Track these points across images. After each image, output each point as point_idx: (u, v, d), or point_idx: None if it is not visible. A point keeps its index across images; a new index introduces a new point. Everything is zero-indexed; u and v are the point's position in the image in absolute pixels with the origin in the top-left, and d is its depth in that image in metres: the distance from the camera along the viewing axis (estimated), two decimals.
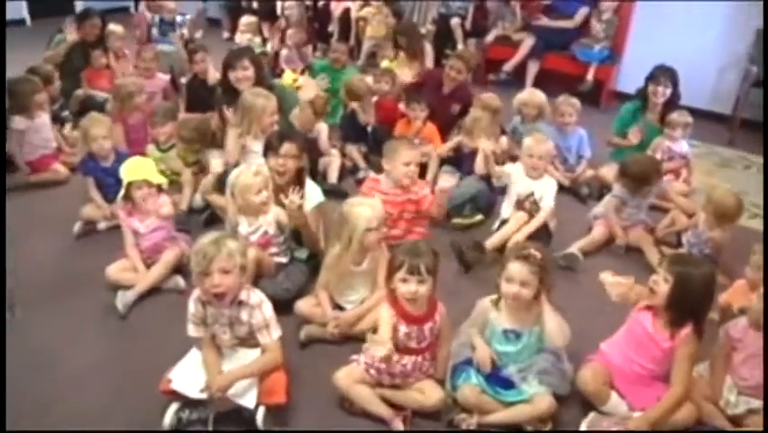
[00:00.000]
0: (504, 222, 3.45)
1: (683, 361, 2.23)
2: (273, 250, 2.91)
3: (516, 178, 3.47)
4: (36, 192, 4.00)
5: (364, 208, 2.62)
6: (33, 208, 3.83)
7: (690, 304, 2.21)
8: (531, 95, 4.51)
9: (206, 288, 2.15)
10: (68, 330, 2.77)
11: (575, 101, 4.32)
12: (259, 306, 2.26)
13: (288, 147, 2.95)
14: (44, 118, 4.13)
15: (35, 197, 3.96)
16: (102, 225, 3.52)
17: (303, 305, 2.75)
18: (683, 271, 2.20)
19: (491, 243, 3.30)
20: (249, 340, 2.32)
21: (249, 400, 2.21)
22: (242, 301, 2.24)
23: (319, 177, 3.96)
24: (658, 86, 4.24)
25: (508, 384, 2.33)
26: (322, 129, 4.17)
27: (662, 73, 4.27)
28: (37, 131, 4.06)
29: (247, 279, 2.29)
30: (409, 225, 3.22)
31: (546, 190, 3.38)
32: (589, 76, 5.96)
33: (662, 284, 2.22)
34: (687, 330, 2.22)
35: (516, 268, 2.22)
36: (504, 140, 4.14)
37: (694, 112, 4.37)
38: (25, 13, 8.61)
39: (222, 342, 2.31)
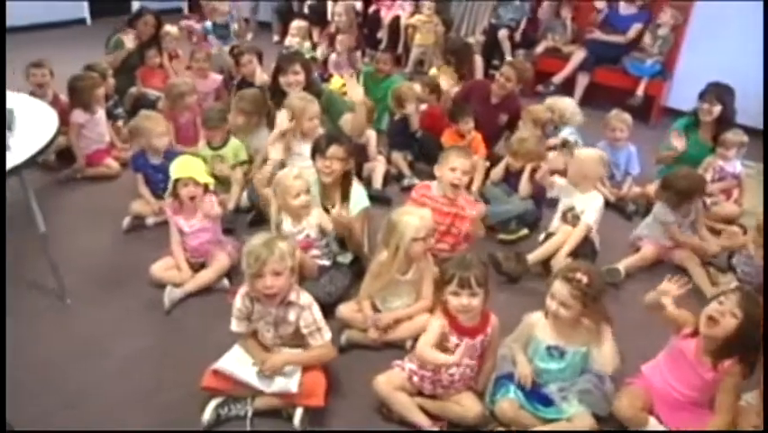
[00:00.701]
0: (550, 235, 3.40)
1: (728, 391, 2.18)
2: (315, 252, 2.92)
3: (563, 189, 3.44)
4: (88, 185, 4.11)
5: (413, 218, 2.61)
6: (86, 201, 3.94)
7: (748, 343, 2.13)
8: (554, 100, 4.52)
9: (258, 288, 2.18)
10: (113, 322, 2.84)
11: (627, 116, 4.24)
12: (309, 307, 2.29)
13: (334, 149, 2.96)
14: (101, 113, 4.26)
15: (88, 189, 4.07)
16: (150, 221, 3.59)
17: (345, 310, 2.76)
18: (754, 313, 2.11)
19: (535, 256, 3.26)
20: (291, 340, 2.34)
21: (293, 384, 2.25)
22: (290, 302, 2.27)
23: (363, 182, 3.96)
24: (708, 103, 4.14)
25: (548, 402, 2.30)
26: (371, 135, 4.18)
27: (713, 90, 4.17)
28: (96, 124, 4.20)
29: (295, 279, 2.31)
30: (456, 240, 3.19)
31: (589, 205, 3.30)
32: (640, 91, 5.86)
33: (728, 318, 2.13)
34: (732, 362, 2.16)
35: (558, 287, 2.22)
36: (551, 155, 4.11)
37: (750, 131, 4.25)
38: (86, 13, 8.86)
39: (264, 339, 2.35)
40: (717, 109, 4.12)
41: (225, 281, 3.07)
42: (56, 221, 3.40)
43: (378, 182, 4.08)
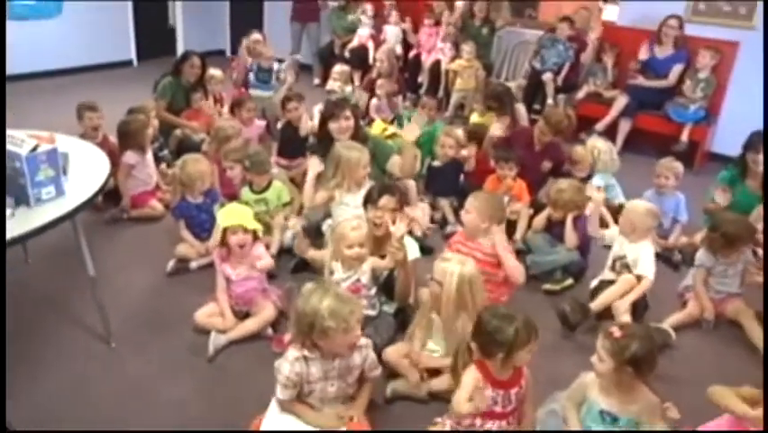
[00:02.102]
0: (603, 283, 3.34)
1: None
2: (363, 302, 2.88)
3: (613, 237, 3.40)
4: (133, 226, 4.17)
5: (455, 265, 2.58)
6: (130, 242, 3.99)
7: None
8: (595, 140, 4.55)
9: (347, 342, 2.19)
10: (157, 366, 2.83)
11: (676, 165, 4.18)
12: (368, 346, 2.32)
13: (386, 200, 2.97)
14: (150, 155, 4.36)
15: (132, 230, 4.13)
16: (194, 265, 3.62)
17: (392, 353, 2.73)
18: None
19: (596, 305, 3.20)
20: (344, 395, 2.35)
21: None
22: (355, 346, 2.27)
23: None
24: (757, 154, 4.05)
25: None
26: (411, 184, 4.13)
27: (761, 140, 4.09)
28: (145, 166, 4.29)
29: None
30: (493, 287, 3.13)
31: (642, 255, 3.24)
32: (684, 137, 5.80)
33: None
34: None
35: (598, 342, 2.19)
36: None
37: None
38: (133, 55, 9.16)
39: (326, 395, 2.31)
40: None
41: (269, 330, 3.06)
42: (101, 261, 3.41)
43: (417, 230, 3.99)
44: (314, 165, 3.58)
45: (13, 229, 2.39)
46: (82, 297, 3.06)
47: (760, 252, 3.78)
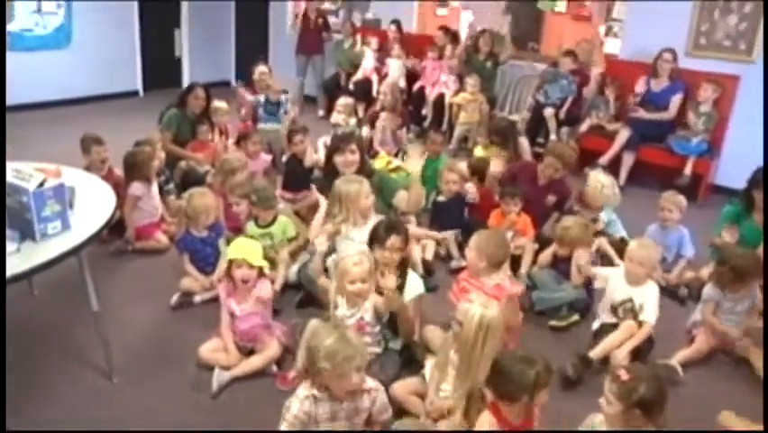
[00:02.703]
0: (604, 326, 3.31)
1: None
2: (367, 339, 2.87)
3: (615, 282, 3.33)
4: (137, 258, 4.16)
5: (477, 308, 2.55)
6: (134, 274, 3.98)
7: None
8: (597, 174, 4.53)
9: (343, 387, 2.16)
10: (159, 401, 2.81)
11: (680, 199, 4.18)
12: (377, 389, 2.30)
13: (394, 239, 2.95)
14: (155, 187, 4.38)
15: (137, 263, 4.12)
16: (198, 299, 3.60)
17: (400, 389, 2.70)
18: None
19: (596, 354, 3.14)
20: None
21: None
22: (362, 389, 2.24)
23: None
24: (761, 190, 4.04)
25: None
26: (411, 221, 4.12)
27: (764, 174, 4.08)
28: (151, 198, 4.30)
29: None
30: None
31: (648, 298, 3.21)
32: (687, 170, 5.80)
33: None
34: None
35: (606, 385, 2.18)
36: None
37: None
38: (139, 85, 9.25)
39: None
40: None
41: (274, 367, 3.03)
42: (105, 294, 3.40)
43: (419, 266, 3.89)
44: (324, 202, 3.58)
45: (19, 264, 2.38)
46: (86, 330, 3.04)
47: None
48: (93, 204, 2.98)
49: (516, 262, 3.97)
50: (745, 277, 3.27)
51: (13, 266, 2.34)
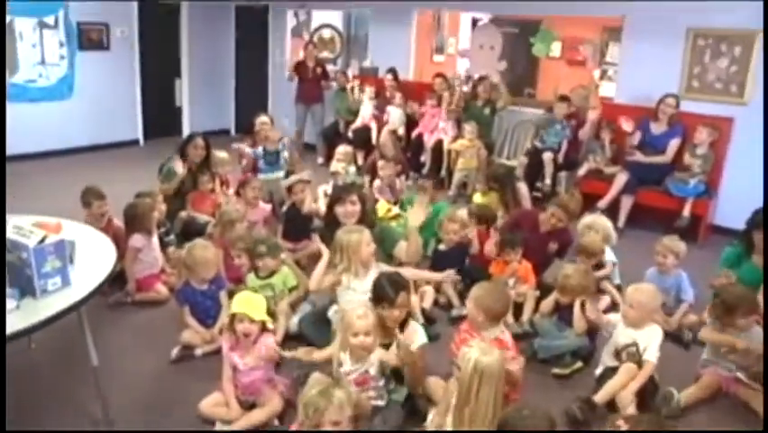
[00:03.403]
0: (607, 370, 3.29)
1: None
2: (371, 393, 2.85)
3: (619, 326, 3.33)
4: (138, 310, 4.13)
5: (474, 352, 2.53)
6: (134, 326, 3.95)
7: None
8: (596, 219, 4.55)
9: None
10: None
11: (676, 244, 4.16)
12: None
13: (403, 297, 2.92)
14: (156, 238, 4.37)
15: (137, 314, 4.09)
16: (199, 352, 3.56)
17: None
18: None
19: (601, 397, 3.12)
20: None
21: None
22: None
23: None
24: (761, 231, 4.04)
25: None
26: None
27: (763, 216, 4.09)
28: (152, 249, 4.29)
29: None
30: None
31: (651, 341, 3.19)
32: (686, 211, 5.82)
33: None
34: None
35: None
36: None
37: None
38: (139, 134, 9.37)
39: None
40: None
41: (276, 421, 2.98)
42: (105, 346, 3.40)
43: (419, 316, 3.82)
44: (326, 252, 3.57)
45: (18, 322, 2.38)
46: (85, 384, 3.01)
47: None
48: (93, 258, 2.98)
49: (518, 310, 3.96)
50: (734, 310, 3.30)
51: (13, 324, 2.33)
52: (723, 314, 3.33)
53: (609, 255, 4.44)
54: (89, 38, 8.42)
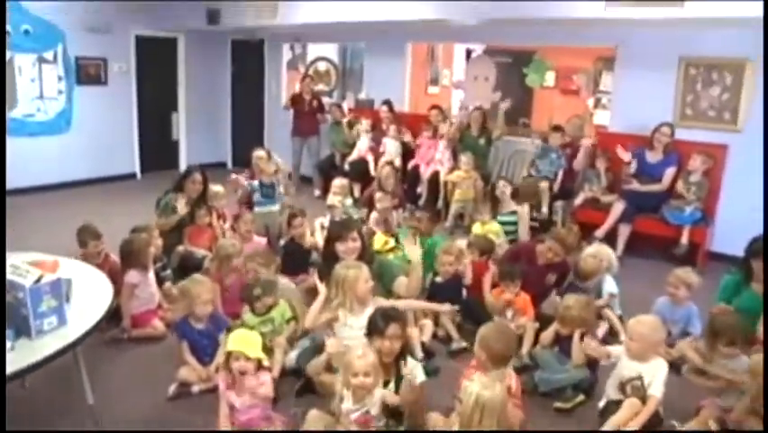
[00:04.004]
0: (610, 404, 3.25)
1: None
2: None
3: (624, 358, 3.31)
4: (134, 346, 4.09)
5: (475, 386, 2.52)
6: (131, 363, 3.90)
7: None
8: (600, 248, 4.56)
9: None
10: None
11: (689, 276, 4.13)
12: None
13: (394, 328, 2.91)
14: (152, 274, 4.35)
15: (133, 351, 4.05)
16: (196, 389, 3.52)
17: None
18: None
19: None
20: None
21: None
22: None
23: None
24: (761, 260, 4.02)
25: None
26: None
27: (762, 244, 4.07)
28: (148, 285, 4.27)
29: None
30: None
31: (656, 374, 3.17)
32: (684, 239, 5.83)
33: None
34: None
35: None
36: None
37: None
38: (137, 168, 9.41)
39: None
40: None
41: None
42: (101, 383, 3.38)
43: (418, 351, 3.80)
44: (323, 289, 3.56)
45: (13, 363, 2.36)
46: (81, 423, 2.97)
47: None
48: (90, 296, 2.98)
49: (517, 342, 3.94)
50: (718, 335, 3.34)
51: (8, 365, 2.31)
52: (708, 336, 3.37)
53: (610, 286, 4.43)
54: (87, 72, 8.52)
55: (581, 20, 5.81)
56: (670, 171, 6.11)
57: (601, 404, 3.36)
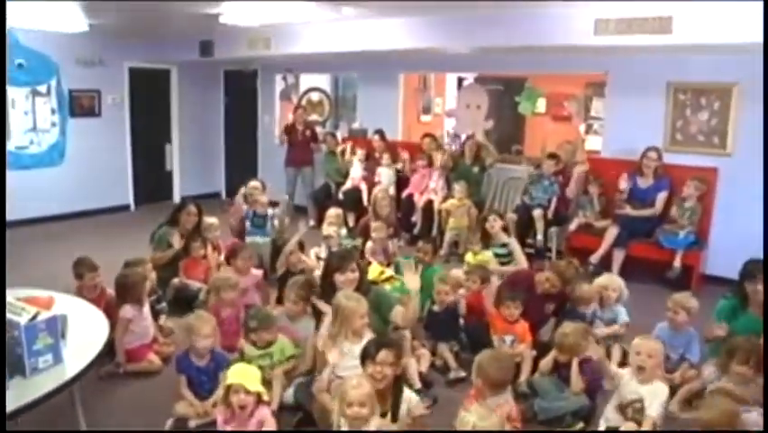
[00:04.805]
0: (610, 429, 3.24)
1: None
2: None
3: (625, 380, 3.30)
4: (130, 382, 4.04)
5: (472, 416, 2.53)
6: (127, 398, 3.86)
7: None
8: (610, 279, 4.53)
9: None
10: None
11: (688, 300, 4.11)
12: None
13: (384, 354, 2.91)
14: (147, 308, 4.32)
15: (129, 386, 4.00)
16: (192, 424, 3.48)
17: None
18: None
19: None
20: None
21: None
22: None
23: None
24: (756, 283, 4.01)
25: None
26: (406, 335, 3.99)
27: (757, 268, 4.06)
28: (143, 319, 4.23)
29: None
30: None
31: (656, 397, 3.16)
32: (677, 263, 5.85)
33: None
34: None
35: None
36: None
37: None
38: (130, 199, 9.40)
39: None
40: None
41: None
42: (96, 420, 3.34)
43: (416, 381, 3.77)
44: (329, 310, 3.57)
45: (8, 403, 2.33)
46: None
47: None
48: (85, 332, 2.96)
49: (515, 370, 3.92)
50: (733, 354, 3.42)
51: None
52: (724, 356, 3.44)
53: (624, 315, 4.39)
54: (81, 104, 8.55)
55: (571, 47, 5.89)
56: (662, 196, 6.16)
57: (602, 427, 3.34)
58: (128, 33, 8.30)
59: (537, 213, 6.52)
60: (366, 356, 2.97)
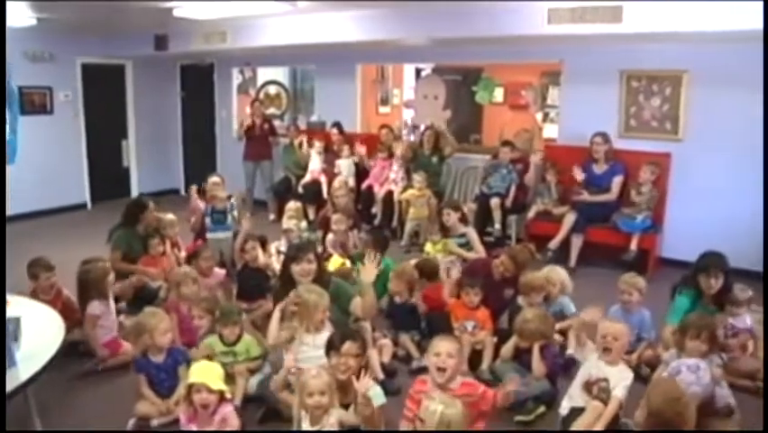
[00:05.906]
0: (575, 410, 3.28)
1: None
2: None
3: (593, 360, 3.36)
4: (92, 385, 3.94)
5: (438, 405, 2.54)
6: (85, 401, 3.77)
7: None
8: (551, 271, 4.55)
9: None
10: None
11: (638, 280, 4.23)
12: None
13: (348, 346, 2.94)
14: (112, 301, 4.27)
15: (87, 389, 3.91)
16: (155, 423, 3.43)
17: None
18: None
19: None
20: None
21: None
22: None
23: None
24: (710, 278, 4.07)
25: None
26: (366, 327, 3.98)
27: (712, 263, 4.12)
28: (110, 313, 4.19)
29: None
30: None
31: (621, 381, 3.23)
32: (633, 246, 5.97)
33: None
34: None
35: None
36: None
37: (749, 274, 4.26)
38: (87, 198, 9.22)
39: None
40: (721, 281, 4.07)
41: None
42: (55, 421, 3.28)
43: (378, 372, 3.76)
44: (278, 308, 3.58)
45: None
46: None
47: (725, 357, 3.89)
48: (40, 334, 2.89)
49: (477, 357, 3.97)
50: (688, 329, 3.49)
51: None
52: (677, 332, 3.54)
53: (569, 307, 4.46)
54: (32, 102, 8.31)
55: (525, 37, 5.95)
56: (617, 180, 6.28)
57: (564, 412, 3.38)
58: (80, 28, 8.08)
59: (494, 202, 6.59)
60: (330, 348, 3.00)
